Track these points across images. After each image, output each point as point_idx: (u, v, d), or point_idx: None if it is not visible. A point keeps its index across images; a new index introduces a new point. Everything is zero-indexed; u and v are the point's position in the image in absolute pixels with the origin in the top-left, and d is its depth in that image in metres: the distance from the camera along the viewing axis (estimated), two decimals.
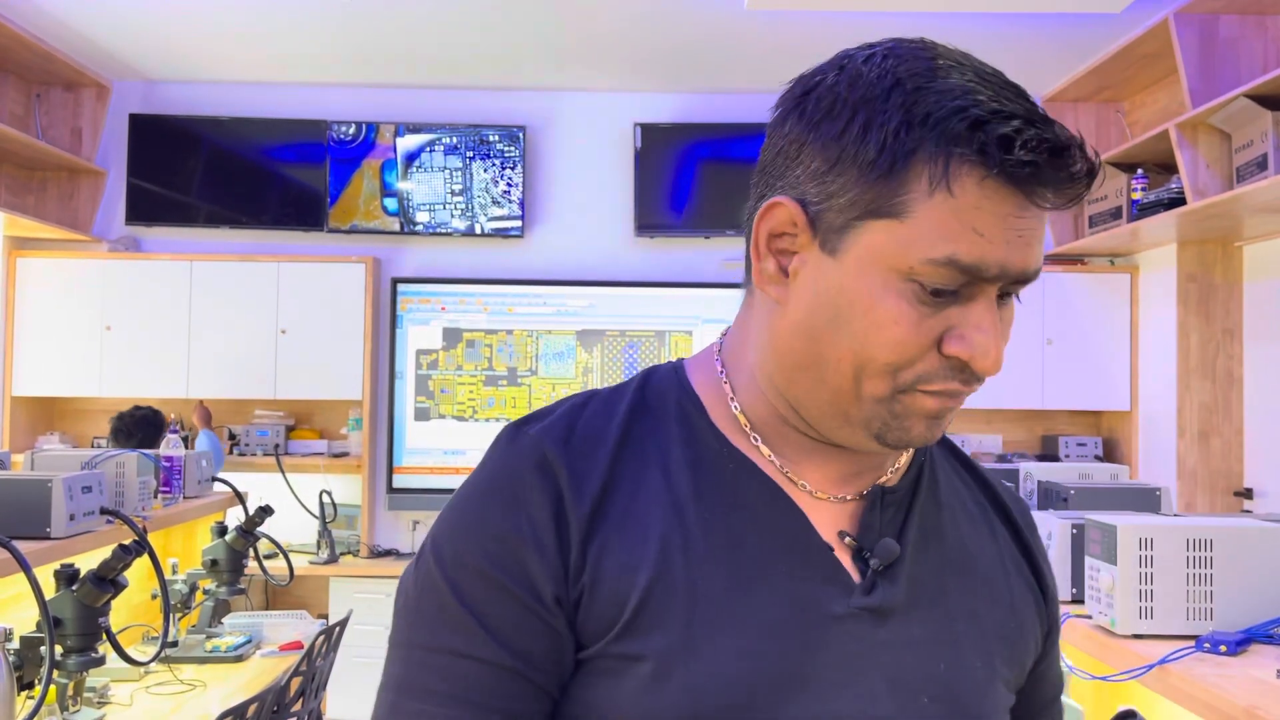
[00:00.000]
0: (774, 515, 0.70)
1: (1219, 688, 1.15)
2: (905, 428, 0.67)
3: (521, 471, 0.69)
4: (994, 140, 0.60)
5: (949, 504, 0.77)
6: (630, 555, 0.67)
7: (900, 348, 0.64)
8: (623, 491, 0.69)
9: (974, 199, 0.62)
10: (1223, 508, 4.12)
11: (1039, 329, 4.57)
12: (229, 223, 4.75)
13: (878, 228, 0.63)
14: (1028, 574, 0.79)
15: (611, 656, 0.67)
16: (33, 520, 2.07)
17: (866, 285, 0.64)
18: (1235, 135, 3.41)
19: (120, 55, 4.46)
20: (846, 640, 0.68)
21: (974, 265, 0.62)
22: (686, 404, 0.74)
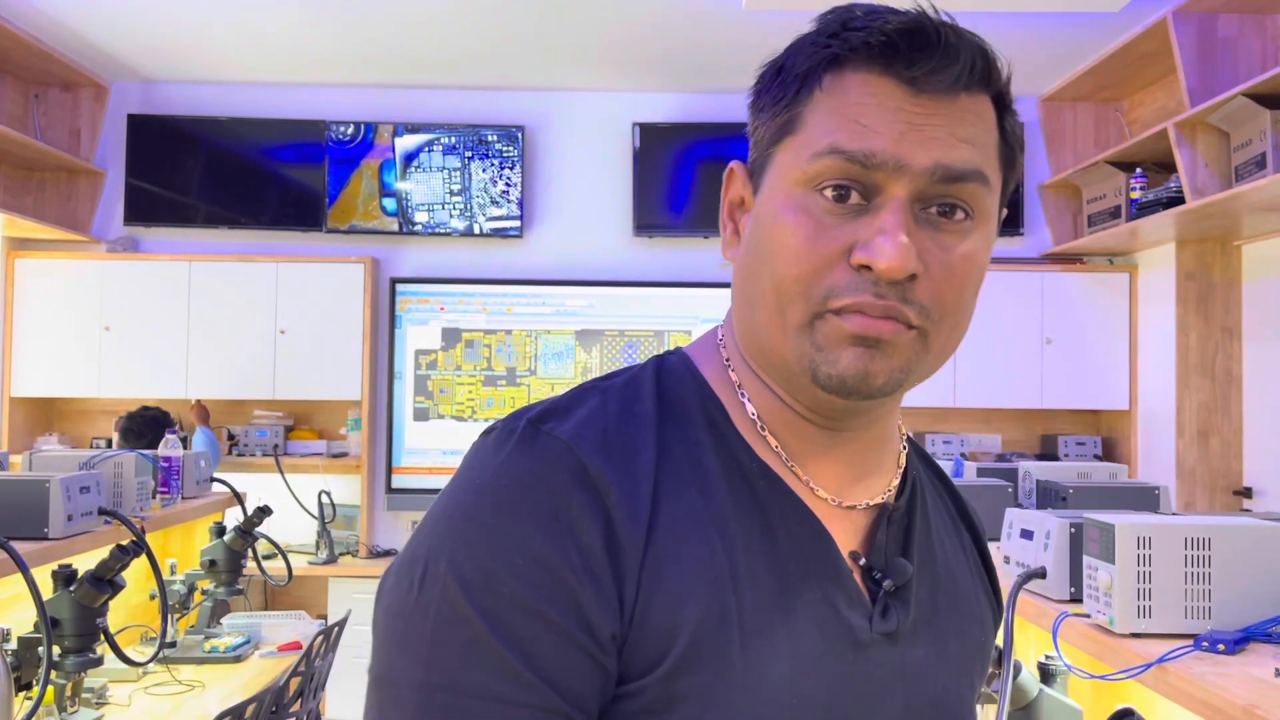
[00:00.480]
0: (804, 535, 0.67)
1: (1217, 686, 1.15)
2: (832, 360, 0.62)
3: (559, 485, 0.61)
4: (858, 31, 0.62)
5: (936, 519, 0.76)
6: (681, 586, 0.61)
7: (800, 258, 0.62)
8: (664, 510, 0.63)
9: (856, 95, 0.62)
10: (1222, 507, 4.12)
11: (1038, 328, 4.57)
12: (227, 223, 4.74)
13: (781, 149, 0.65)
14: (985, 583, 0.79)
15: (656, 695, 0.61)
16: (31, 521, 2.07)
17: (773, 207, 0.64)
18: (1234, 134, 3.41)
19: (118, 55, 4.46)
20: (872, 667, 0.67)
21: (860, 153, 0.61)
22: (710, 408, 0.69)
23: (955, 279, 0.63)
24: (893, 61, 0.61)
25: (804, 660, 0.64)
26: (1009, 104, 0.67)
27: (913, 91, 0.61)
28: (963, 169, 0.62)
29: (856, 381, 0.63)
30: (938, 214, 0.63)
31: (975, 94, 0.64)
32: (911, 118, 0.61)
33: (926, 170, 0.61)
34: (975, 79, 0.63)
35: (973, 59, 0.62)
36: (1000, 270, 4.60)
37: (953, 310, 0.64)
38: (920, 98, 0.61)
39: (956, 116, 0.62)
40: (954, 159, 0.62)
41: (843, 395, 0.64)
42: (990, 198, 0.65)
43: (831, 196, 0.62)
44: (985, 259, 0.66)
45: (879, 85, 0.62)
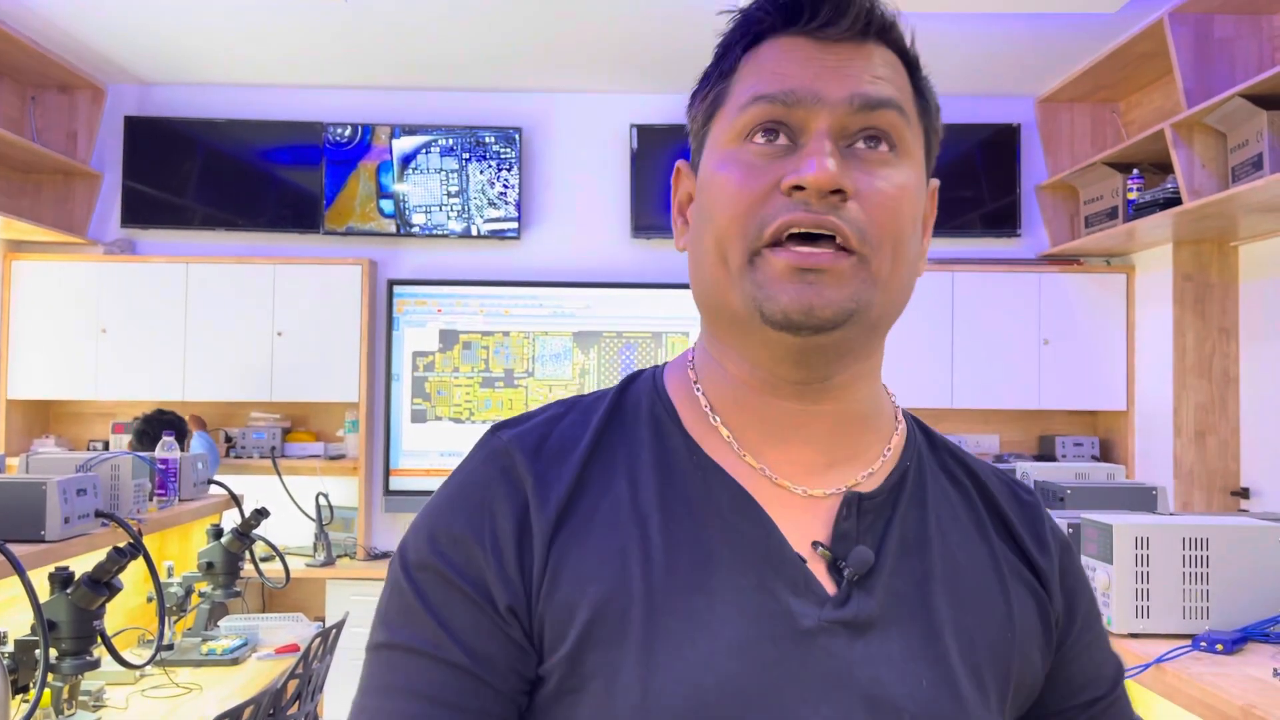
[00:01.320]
0: (743, 525, 0.68)
1: (1216, 686, 1.15)
2: (774, 295, 0.64)
3: (489, 477, 0.69)
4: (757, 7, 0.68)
5: (937, 510, 0.73)
6: (586, 567, 0.66)
7: (734, 200, 0.66)
8: (587, 500, 0.68)
9: (772, 55, 0.67)
10: (1219, 507, 4.12)
11: (1035, 329, 4.57)
12: (225, 225, 4.74)
13: (713, 125, 0.70)
14: (1030, 580, 0.74)
15: (567, 673, 0.65)
16: (27, 523, 2.06)
17: (709, 171, 0.69)
18: (1231, 135, 3.41)
19: (115, 58, 4.45)
20: (820, 656, 0.65)
21: (780, 93, 0.65)
22: (658, 408, 0.73)
23: (887, 203, 0.65)
24: (795, 19, 0.67)
25: (727, 644, 0.64)
26: (918, 67, 0.71)
27: (820, 43, 0.66)
28: (879, 96, 0.66)
29: (801, 315, 0.64)
30: (864, 147, 0.66)
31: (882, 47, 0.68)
32: (824, 62, 0.66)
33: (844, 100, 0.65)
34: (874, 27, 0.67)
35: (870, 10, 0.67)
36: (997, 271, 4.60)
37: (890, 234, 0.65)
38: (829, 46, 0.66)
39: (865, 60, 0.67)
40: (869, 89, 0.66)
41: (791, 331, 0.65)
42: (911, 131, 0.68)
43: (761, 141, 0.66)
44: (915, 192, 0.68)
45: (789, 43, 0.67)
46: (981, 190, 4.76)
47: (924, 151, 0.71)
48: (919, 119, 0.70)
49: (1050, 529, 0.78)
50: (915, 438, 0.76)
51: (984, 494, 0.77)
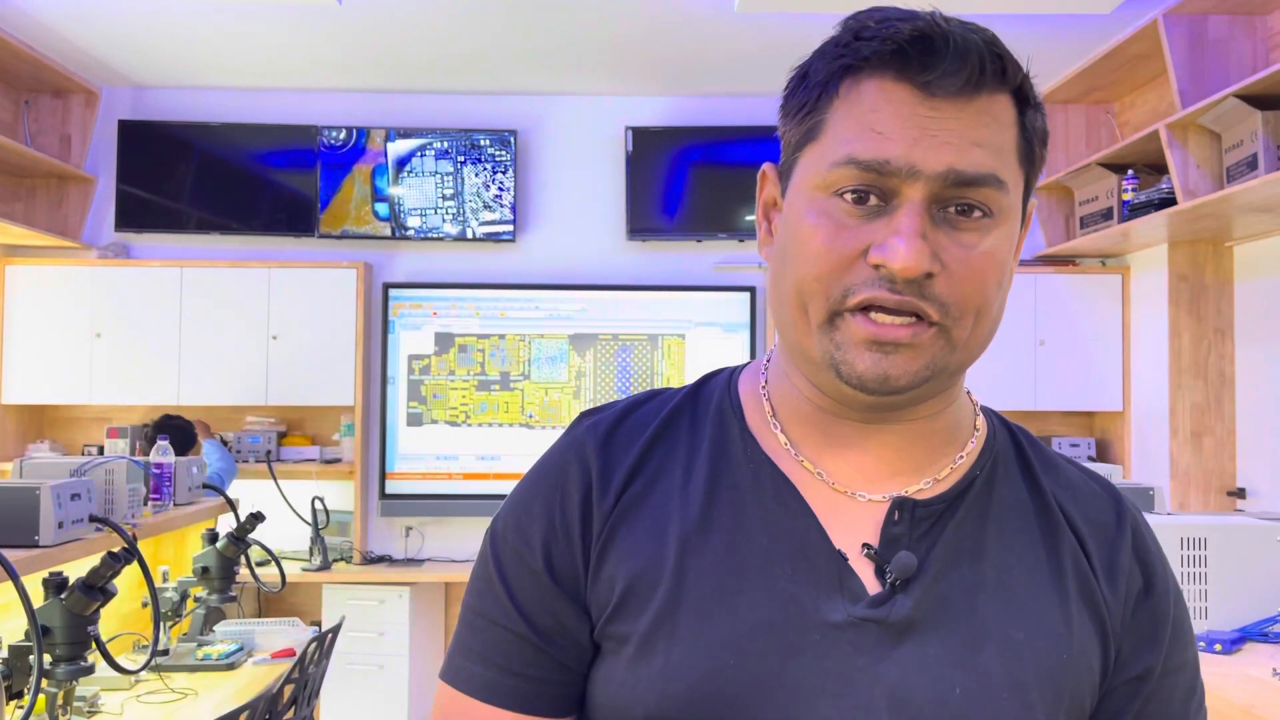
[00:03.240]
0: (784, 517, 0.70)
1: (1216, 687, 1.15)
2: (850, 360, 0.66)
3: (565, 460, 0.75)
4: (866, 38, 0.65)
5: (1002, 521, 0.72)
6: (630, 545, 0.70)
7: (819, 258, 0.65)
8: (642, 482, 0.72)
9: (871, 102, 0.65)
10: (1216, 507, 4.12)
11: (1031, 330, 4.57)
12: (219, 229, 4.73)
13: (805, 155, 0.68)
14: (1093, 605, 0.71)
15: (607, 637, 0.70)
16: (21, 528, 2.05)
17: (798, 210, 0.68)
18: (1225, 135, 3.42)
19: (109, 62, 4.44)
20: (846, 651, 0.66)
21: (874, 161, 0.64)
22: (725, 404, 0.76)
23: (975, 275, 0.65)
24: (905, 68, 0.64)
25: (752, 626, 0.66)
26: (1030, 99, 0.68)
27: (925, 95, 0.64)
28: (974, 174, 0.64)
29: (877, 383, 0.65)
30: (955, 213, 0.65)
31: (992, 93, 0.65)
32: (924, 123, 0.63)
33: (939, 175, 0.63)
34: (987, 80, 0.65)
35: (982, 60, 0.64)
36: None
37: (974, 305, 0.66)
38: (933, 100, 0.64)
39: (970, 119, 0.64)
40: (966, 163, 0.64)
41: (866, 393, 0.67)
42: (1006, 197, 0.66)
43: (851, 200, 0.65)
44: (1006, 254, 0.68)
45: (893, 91, 0.64)
46: None
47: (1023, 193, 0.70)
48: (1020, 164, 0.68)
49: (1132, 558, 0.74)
50: (995, 446, 0.75)
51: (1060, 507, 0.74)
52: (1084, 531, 0.73)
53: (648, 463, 0.73)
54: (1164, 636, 0.73)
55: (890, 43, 0.64)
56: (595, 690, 0.71)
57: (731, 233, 4.77)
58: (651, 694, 0.66)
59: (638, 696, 0.67)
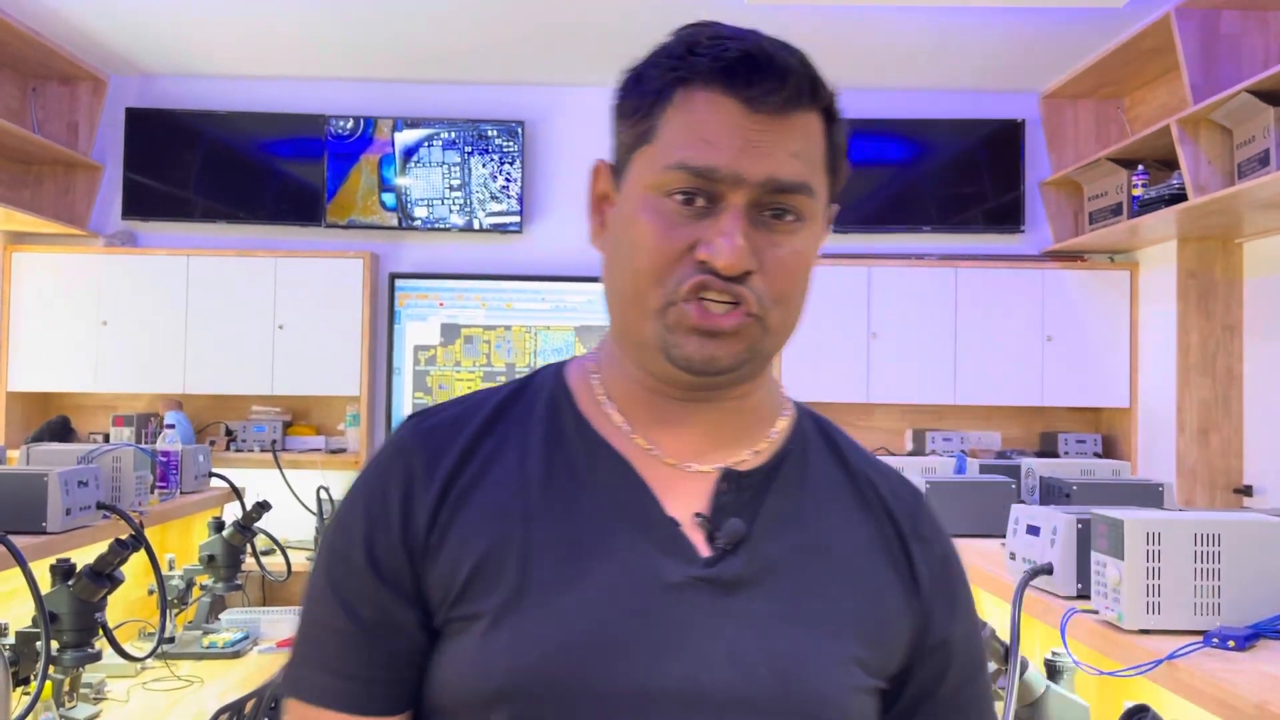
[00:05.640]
0: (620, 490, 0.75)
1: (1229, 683, 1.14)
2: (679, 343, 0.73)
3: (387, 458, 0.78)
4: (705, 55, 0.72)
5: (816, 490, 0.80)
6: (470, 525, 0.74)
7: (654, 255, 0.72)
8: (474, 469, 0.76)
9: (701, 112, 0.72)
10: (1222, 505, 4.12)
11: (1038, 325, 4.56)
12: (226, 218, 4.73)
13: (639, 156, 0.75)
14: (902, 568, 0.79)
15: (453, 620, 0.73)
16: (29, 515, 2.05)
17: (631, 207, 0.75)
18: (1237, 131, 3.40)
19: (117, 49, 4.44)
20: (685, 610, 0.72)
21: (704, 168, 0.71)
22: (557, 393, 0.81)
23: (787, 272, 0.74)
24: (733, 83, 0.71)
25: (596, 594, 0.71)
26: (836, 116, 0.77)
27: (750, 110, 0.71)
28: (791, 182, 0.72)
29: (703, 364, 0.73)
30: (771, 216, 0.73)
31: (806, 110, 0.74)
32: (748, 134, 0.71)
33: (761, 182, 0.71)
34: (803, 98, 0.73)
35: (799, 81, 0.72)
36: (1001, 267, 4.59)
37: (785, 297, 0.75)
38: (756, 115, 0.71)
39: (787, 132, 0.72)
40: (784, 172, 0.72)
41: (692, 374, 0.74)
42: (815, 203, 0.75)
43: (681, 201, 0.72)
44: (812, 253, 0.77)
45: (721, 104, 0.72)
46: (985, 186, 4.75)
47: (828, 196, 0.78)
48: (827, 174, 0.76)
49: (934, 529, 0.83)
50: (803, 426, 0.84)
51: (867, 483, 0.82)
52: (891, 503, 0.82)
53: (477, 451, 0.77)
54: (961, 605, 0.82)
55: (721, 60, 0.72)
56: (442, 671, 0.74)
57: None
58: (501, 665, 0.70)
59: (488, 670, 0.70)
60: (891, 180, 4.76)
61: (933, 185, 4.75)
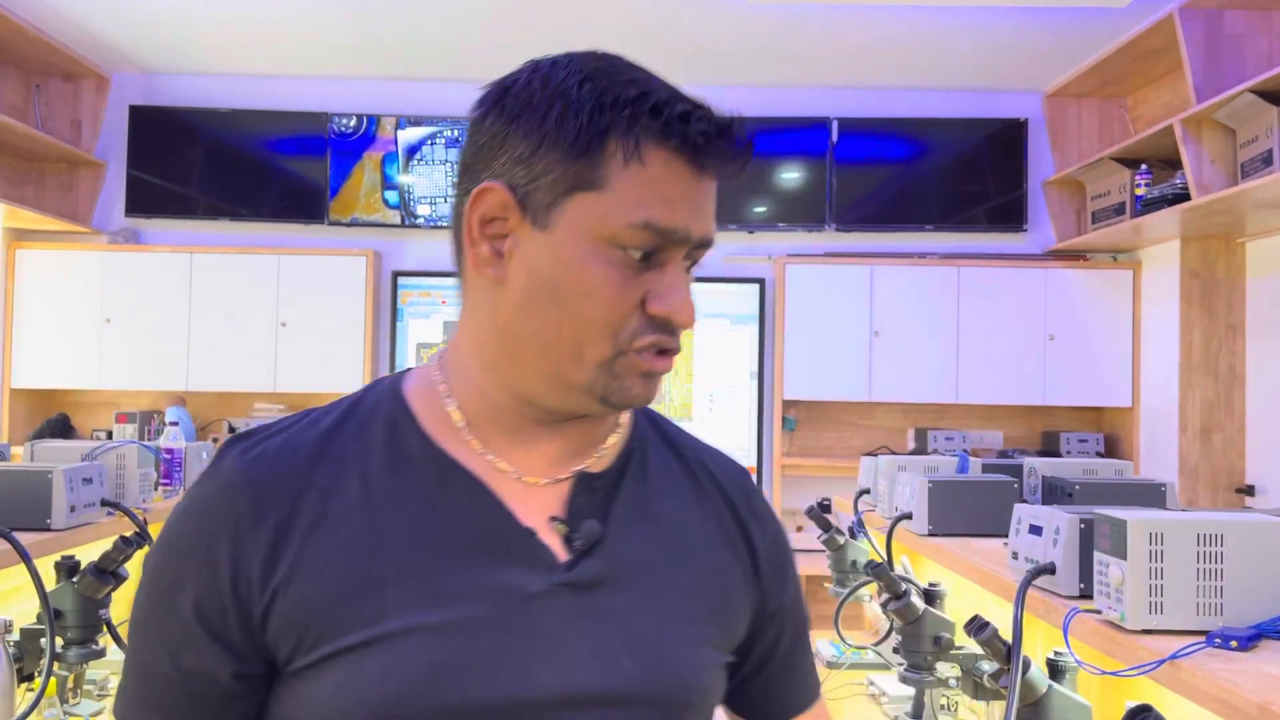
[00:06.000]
0: (474, 508, 0.75)
1: (1231, 683, 1.14)
2: (625, 388, 0.74)
3: (211, 498, 0.74)
4: (675, 117, 0.71)
5: (659, 484, 0.83)
6: (320, 563, 0.71)
7: (610, 307, 0.72)
8: (312, 502, 0.73)
9: (661, 171, 0.72)
10: (1224, 504, 4.12)
11: (1041, 325, 4.56)
12: (229, 215, 4.73)
13: (582, 200, 0.72)
14: (740, 547, 0.85)
15: (311, 662, 0.71)
16: (33, 512, 2.05)
17: (576, 253, 0.72)
18: (1240, 131, 3.40)
19: (120, 46, 4.44)
20: (548, 616, 0.73)
21: (669, 229, 0.72)
22: (396, 412, 0.78)
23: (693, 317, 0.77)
24: (694, 151, 0.72)
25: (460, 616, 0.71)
26: None
27: (699, 173, 0.73)
28: (711, 240, 0.76)
29: (644, 402, 0.76)
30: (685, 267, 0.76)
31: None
32: (697, 196, 0.74)
33: (699, 240, 0.75)
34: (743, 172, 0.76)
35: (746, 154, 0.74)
36: (1003, 266, 4.59)
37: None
38: (703, 178, 0.74)
39: (711, 195, 0.76)
40: (711, 232, 0.76)
41: (622, 410, 0.79)
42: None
43: (636, 257, 0.72)
44: None
45: (678, 166, 0.72)
46: (988, 185, 4.75)
47: None
48: None
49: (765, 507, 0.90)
50: (639, 423, 0.86)
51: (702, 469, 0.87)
52: (725, 486, 0.87)
53: (313, 482, 0.74)
54: (790, 573, 0.89)
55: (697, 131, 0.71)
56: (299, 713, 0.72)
57: (741, 224, 4.75)
58: (370, 699, 0.69)
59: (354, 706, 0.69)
60: (894, 179, 4.76)
61: (936, 184, 4.75)
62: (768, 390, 4.73)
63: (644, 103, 0.72)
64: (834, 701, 2.22)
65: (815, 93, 4.82)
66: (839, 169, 4.73)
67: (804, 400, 4.69)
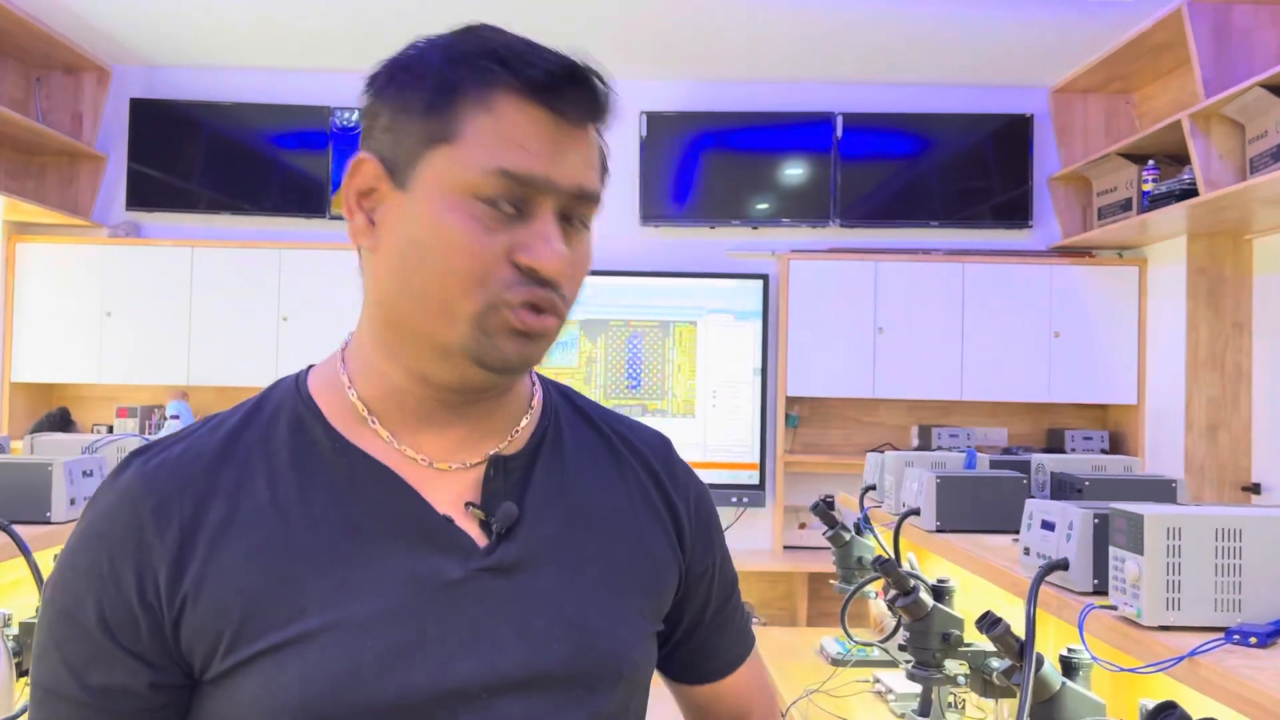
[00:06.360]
0: (387, 498, 0.74)
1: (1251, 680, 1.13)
2: (497, 347, 0.72)
3: (112, 510, 0.72)
4: (521, 63, 0.72)
5: (576, 460, 0.83)
6: (232, 567, 0.70)
7: (473, 258, 0.70)
8: (221, 507, 0.72)
9: (514, 118, 0.71)
10: (1229, 502, 4.09)
11: (1046, 321, 4.54)
12: (230, 209, 4.71)
13: (437, 154, 0.72)
14: (664, 514, 0.85)
15: (229, 667, 0.69)
16: (33, 505, 2.04)
17: (435, 208, 0.72)
18: (1249, 126, 3.38)
19: (121, 39, 4.42)
20: (470, 602, 0.73)
21: (525, 175, 0.71)
22: (300, 409, 0.77)
23: (580, 275, 0.76)
24: (547, 94, 0.72)
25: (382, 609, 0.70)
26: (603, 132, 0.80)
27: (558, 119, 0.72)
28: (592, 191, 0.75)
29: (520, 363, 0.73)
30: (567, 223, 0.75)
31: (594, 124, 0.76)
32: (559, 144, 0.72)
33: (570, 191, 0.73)
34: (601, 113, 0.75)
35: (604, 98, 0.74)
36: (1008, 263, 4.57)
37: (574, 297, 0.77)
38: (563, 125, 0.72)
39: (585, 145, 0.75)
40: (588, 183, 0.74)
41: (503, 374, 0.74)
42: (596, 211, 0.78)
43: (493, 205, 0.71)
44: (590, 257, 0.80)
45: (534, 112, 0.72)
46: (993, 181, 4.73)
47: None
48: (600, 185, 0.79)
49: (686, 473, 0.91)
50: (552, 400, 0.86)
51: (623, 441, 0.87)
52: (646, 454, 0.87)
53: (218, 486, 0.73)
54: (715, 536, 0.91)
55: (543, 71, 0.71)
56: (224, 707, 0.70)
57: (744, 219, 4.73)
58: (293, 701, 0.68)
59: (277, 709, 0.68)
60: (899, 174, 4.74)
61: (941, 180, 4.73)
62: (771, 387, 4.71)
63: (492, 53, 0.73)
64: (840, 699, 2.20)
65: (819, 87, 4.79)
66: (843, 164, 4.71)
67: (808, 397, 4.67)
